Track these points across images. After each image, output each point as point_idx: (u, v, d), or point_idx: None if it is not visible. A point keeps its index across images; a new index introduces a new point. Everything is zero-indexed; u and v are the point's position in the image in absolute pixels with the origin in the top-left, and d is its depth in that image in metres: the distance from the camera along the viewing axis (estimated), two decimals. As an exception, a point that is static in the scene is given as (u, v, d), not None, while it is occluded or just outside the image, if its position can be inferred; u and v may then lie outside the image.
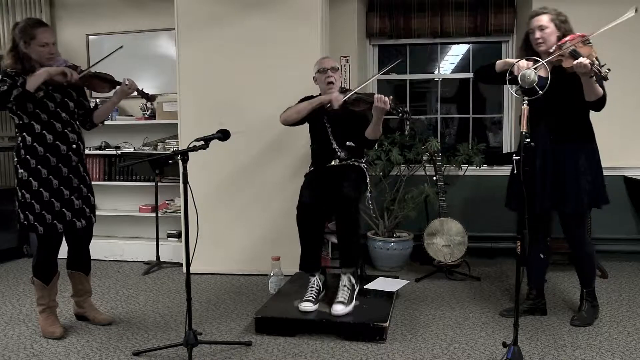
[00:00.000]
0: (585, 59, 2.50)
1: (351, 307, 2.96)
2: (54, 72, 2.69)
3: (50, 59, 2.76)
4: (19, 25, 2.74)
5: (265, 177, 4.01)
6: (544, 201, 2.87)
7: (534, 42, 2.85)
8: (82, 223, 2.88)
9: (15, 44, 2.71)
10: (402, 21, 4.74)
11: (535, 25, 2.83)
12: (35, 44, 2.71)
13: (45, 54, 2.73)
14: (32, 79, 2.63)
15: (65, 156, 2.80)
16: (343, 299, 2.94)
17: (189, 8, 4.00)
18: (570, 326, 2.96)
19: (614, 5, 3.17)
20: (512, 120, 4.83)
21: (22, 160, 2.75)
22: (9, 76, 2.65)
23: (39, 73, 2.65)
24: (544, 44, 2.81)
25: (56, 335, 2.84)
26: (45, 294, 2.87)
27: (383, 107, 2.93)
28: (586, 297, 3.04)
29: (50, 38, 2.75)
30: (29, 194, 2.74)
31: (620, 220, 4.33)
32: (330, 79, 3.24)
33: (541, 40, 2.81)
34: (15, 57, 2.71)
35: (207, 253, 3.84)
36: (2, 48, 5.07)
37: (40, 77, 2.65)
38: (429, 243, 3.96)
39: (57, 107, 2.78)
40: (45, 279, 2.85)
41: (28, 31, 2.70)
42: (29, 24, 2.73)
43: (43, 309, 2.89)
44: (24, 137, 2.74)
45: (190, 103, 3.98)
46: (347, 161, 3.26)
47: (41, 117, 2.73)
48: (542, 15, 2.82)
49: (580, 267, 3.02)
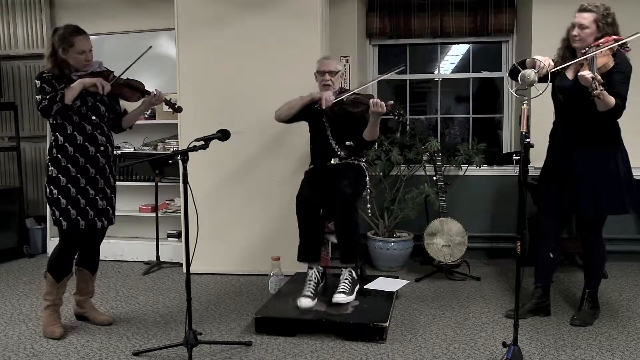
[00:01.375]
0: (587, 72, 2.47)
1: (352, 298, 2.98)
2: (88, 83, 2.80)
3: (87, 65, 2.88)
4: (58, 32, 2.85)
5: (265, 177, 4.00)
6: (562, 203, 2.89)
7: (571, 37, 2.79)
8: (102, 223, 2.96)
9: (55, 50, 2.83)
10: (402, 21, 4.75)
11: (576, 21, 2.76)
12: (74, 51, 2.83)
13: (82, 61, 2.86)
14: (69, 92, 2.74)
15: (93, 157, 2.88)
16: (344, 290, 2.98)
17: (189, 8, 4.00)
18: (570, 326, 2.96)
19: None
20: (512, 120, 4.83)
21: (54, 158, 2.84)
22: (47, 83, 2.78)
23: (75, 86, 2.76)
24: (579, 42, 2.76)
25: (56, 335, 2.86)
26: (54, 291, 2.91)
27: (379, 111, 2.95)
28: (587, 298, 3.04)
29: (88, 45, 2.87)
30: (57, 189, 2.82)
31: (620, 220, 4.31)
32: (326, 82, 3.27)
33: (578, 38, 2.76)
34: (54, 62, 2.84)
35: (207, 253, 3.83)
36: (2, 49, 5.10)
37: (76, 90, 2.76)
38: (429, 243, 3.96)
39: (88, 110, 2.88)
40: (58, 277, 2.90)
41: (67, 39, 2.81)
42: (68, 31, 2.83)
43: (48, 305, 2.91)
44: (57, 137, 2.85)
45: (190, 103, 3.98)
46: (347, 160, 3.27)
47: (73, 118, 2.83)
48: (587, 13, 2.74)
49: (590, 266, 3.04)
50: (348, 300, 2.96)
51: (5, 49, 5.10)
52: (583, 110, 2.77)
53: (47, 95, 2.73)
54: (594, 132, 2.82)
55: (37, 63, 5.09)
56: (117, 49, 4.60)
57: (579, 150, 2.86)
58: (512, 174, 4.22)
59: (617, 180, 2.83)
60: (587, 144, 2.84)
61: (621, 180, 2.83)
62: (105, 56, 3.96)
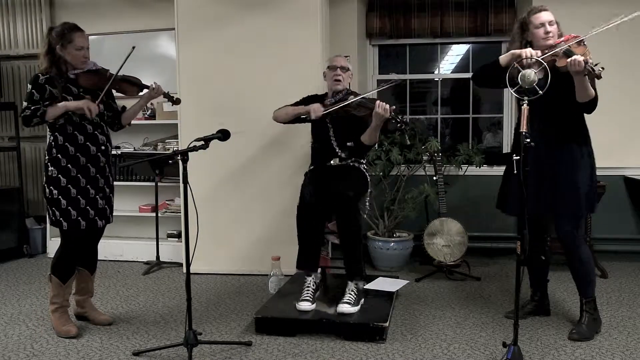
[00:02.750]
0: (579, 56, 2.49)
1: (357, 309, 2.97)
2: (73, 107, 2.78)
3: (84, 62, 2.87)
4: (55, 29, 2.84)
5: (265, 177, 4.01)
6: (538, 204, 2.80)
7: (541, 36, 2.76)
8: (102, 222, 2.96)
9: (52, 47, 2.81)
10: (402, 21, 4.74)
11: (545, 19, 2.76)
12: (72, 48, 2.82)
13: (80, 58, 2.84)
14: (51, 110, 2.74)
15: (94, 157, 2.88)
16: (349, 300, 2.95)
17: (189, 8, 4.00)
18: (570, 326, 2.94)
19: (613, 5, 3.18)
20: (512, 121, 4.83)
21: (53, 158, 2.83)
22: (39, 89, 2.76)
23: (59, 106, 2.76)
24: (553, 38, 2.74)
25: (72, 334, 2.86)
26: (61, 293, 2.91)
27: (383, 115, 2.95)
28: (586, 309, 2.85)
29: (86, 42, 2.88)
30: (57, 190, 2.81)
31: (620, 220, 4.33)
32: (337, 77, 3.29)
33: (552, 34, 2.75)
34: (50, 60, 2.82)
35: (207, 253, 3.84)
36: (2, 49, 5.10)
37: (59, 111, 2.75)
38: (429, 243, 3.96)
39: None
40: (63, 278, 2.90)
41: (66, 35, 2.80)
42: (67, 27, 2.83)
43: (56, 307, 2.91)
44: (56, 137, 2.84)
45: (190, 103, 3.98)
46: (347, 161, 3.27)
47: (73, 118, 2.82)
48: (547, 12, 2.78)
49: (577, 274, 2.87)
50: (352, 311, 2.92)
51: (5, 49, 5.10)
52: (549, 109, 2.76)
53: (31, 105, 2.74)
54: (564, 130, 2.79)
55: (37, 63, 5.01)
56: (117, 49, 4.58)
57: (551, 149, 2.79)
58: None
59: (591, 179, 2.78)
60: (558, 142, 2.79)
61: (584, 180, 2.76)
62: (105, 56, 3.97)
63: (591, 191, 2.81)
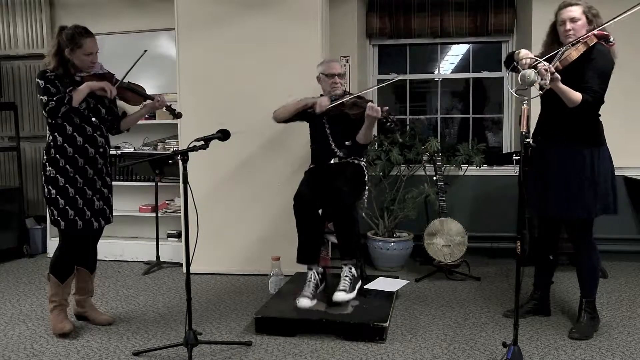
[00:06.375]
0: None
1: (353, 295, 2.98)
2: (96, 87, 2.80)
3: (91, 67, 2.87)
4: (65, 30, 2.81)
5: (265, 177, 4.00)
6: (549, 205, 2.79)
7: (563, 34, 2.70)
8: (99, 223, 2.96)
9: (61, 48, 2.80)
10: (402, 21, 4.75)
11: (566, 16, 2.68)
12: (81, 53, 2.81)
13: (88, 63, 2.85)
14: (76, 94, 2.74)
15: (92, 158, 2.88)
16: (344, 287, 2.98)
17: (189, 8, 4.00)
18: (570, 326, 2.94)
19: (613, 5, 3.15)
20: (512, 120, 4.83)
21: (52, 158, 2.83)
22: (51, 83, 2.75)
23: (82, 89, 2.76)
24: (574, 37, 2.66)
25: (65, 330, 2.86)
26: (59, 292, 2.91)
27: (374, 115, 2.98)
28: (585, 308, 2.87)
29: (95, 48, 2.86)
30: (55, 190, 2.82)
31: (620, 220, 4.31)
32: (336, 85, 3.31)
33: (572, 32, 2.67)
34: (58, 61, 2.81)
35: (207, 253, 3.83)
36: (2, 49, 5.09)
37: (83, 93, 2.76)
38: (429, 243, 3.96)
39: (90, 111, 2.87)
40: (61, 277, 2.90)
41: (76, 39, 2.79)
42: (77, 32, 2.80)
43: (54, 306, 2.92)
44: (55, 137, 2.83)
45: (190, 103, 3.98)
46: (347, 159, 3.28)
47: (74, 120, 2.82)
48: (575, 7, 2.69)
49: (582, 275, 2.89)
50: (348, 298, 2.95)
51: (5, 49, 5.10)
52: (558, 110, 2.70)
53: (52, 97, 2.72)
54: (570, 130, 2.74)
55: (37, 63, 5.09)
56: (117, 49, 4.59)
57: (553, 149, 2.77)
58: (512, 174, 4.22)
59: (590, 182, 2.71)
60: (561, 142, 2.76)
61: (596, 182, 2.71)
62: (105, 56, 3.95)
63: (606, 193, 2.74)
